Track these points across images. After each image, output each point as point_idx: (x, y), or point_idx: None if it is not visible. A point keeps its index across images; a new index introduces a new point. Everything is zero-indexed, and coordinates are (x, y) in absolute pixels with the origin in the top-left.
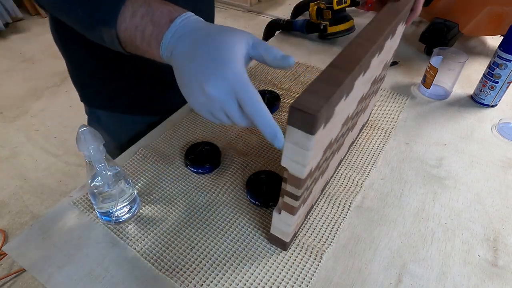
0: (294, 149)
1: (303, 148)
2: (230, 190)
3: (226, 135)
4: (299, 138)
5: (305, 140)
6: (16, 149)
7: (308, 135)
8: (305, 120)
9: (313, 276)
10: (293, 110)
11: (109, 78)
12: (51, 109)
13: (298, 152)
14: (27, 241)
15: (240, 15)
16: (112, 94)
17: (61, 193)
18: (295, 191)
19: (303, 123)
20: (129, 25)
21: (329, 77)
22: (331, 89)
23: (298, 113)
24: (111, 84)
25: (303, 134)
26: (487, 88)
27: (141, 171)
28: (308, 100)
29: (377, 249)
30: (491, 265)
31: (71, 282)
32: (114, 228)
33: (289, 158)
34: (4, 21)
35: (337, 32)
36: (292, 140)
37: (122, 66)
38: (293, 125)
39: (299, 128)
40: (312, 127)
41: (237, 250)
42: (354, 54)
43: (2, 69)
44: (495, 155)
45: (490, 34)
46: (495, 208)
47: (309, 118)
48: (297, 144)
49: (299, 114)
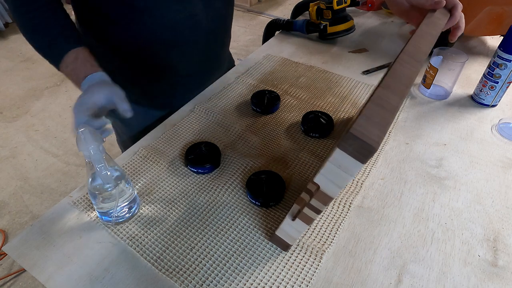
0: (336, 172)
1: (346, 173)
2: (230, 190)
3: (226, 135)
4: (346, 163)
5: (352, 166)
6: (16, 149)
7: (358, 163)
8: (361, 149)
9: (313, 276)
10: (352, 137)
11: (121, 67)
12: (51, 109)
13: (339, 175)
14: (27, 241)
15: (240, 15)
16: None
17: (61, 193)
18: (320, 206)
19: (358, 151)
20: (65, 71)
21: (383, 101)
22: (388, 116)
23: (356, 141)
24: (123, 73)
25: (353, 161)
26: (487, 88)
27: (141, 171)
28: (368, 129)
29: (377, 249)
30: (491, 265)
31: (71, 282)
32: (114, 228)
33: (327, 177)
34: (4, 21)
35: (337, 32)
36: (336, 162)
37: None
38: (345, 150)
39: (351, 154)
40: (367, 157)
41: (237, 250)
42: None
43: (2, 69)
44: (495, 155)
45: (490, 34)
46: (495, 208)
47: (367, 149)
48: (341, 167)
49: (357, 142)
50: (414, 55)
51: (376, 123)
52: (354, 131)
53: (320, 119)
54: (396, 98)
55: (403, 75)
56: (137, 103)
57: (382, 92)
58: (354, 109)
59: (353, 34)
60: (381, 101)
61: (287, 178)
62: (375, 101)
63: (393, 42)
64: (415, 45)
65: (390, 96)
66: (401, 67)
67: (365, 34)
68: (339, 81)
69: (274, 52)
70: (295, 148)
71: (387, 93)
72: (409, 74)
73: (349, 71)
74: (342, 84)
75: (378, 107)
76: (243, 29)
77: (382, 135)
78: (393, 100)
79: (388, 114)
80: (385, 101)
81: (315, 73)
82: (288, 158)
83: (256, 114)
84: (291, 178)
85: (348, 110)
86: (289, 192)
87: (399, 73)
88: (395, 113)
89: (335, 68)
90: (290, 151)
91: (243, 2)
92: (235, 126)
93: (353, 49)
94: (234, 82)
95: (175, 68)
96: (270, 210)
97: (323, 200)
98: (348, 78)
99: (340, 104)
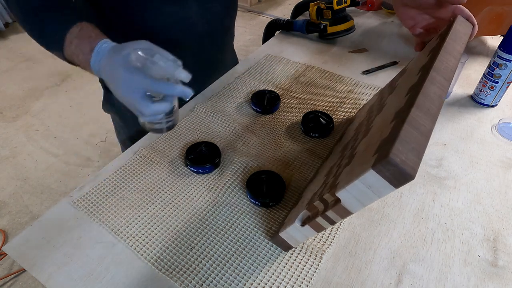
0: (364, 191)
1: (375, 193)
2: (230, 190)
3: (226, 135)
4: (378, 184)
5: (384, 189)
6: (16, 149)
7: (392, 187)
8: (398, 175)
9: (313, 276)
10: (391, 162)
11: None
12: (51, 109)
13: (366, 195)
14: (27, 241)
15: (240, 15)
16: None
17: (61, 193)
18: (336, 218)
19: (394, 177)
20: (69, 52)
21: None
22: (423, 141)
23: (394, 167)
24: None
25: (387, 185)
26: (487, 88)
27: (141, 171)
28: (407, 156)
29: (377, 249)
30: (491, 265)
31: (71, 282)
32: (114, 228)
33: (352, 194)
34: (4, 21)
35: (337, 32)
36: (367, 183)
37: None
38: (380, 174)
39: (385, 179)
40: (402, 183)
41: (237, 250)
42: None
43: (2, 69)
44: (495, 155)
45: (490, 34)
46: (495, 208)
47: (405, 176)
48: (371, 188)
49: (394, 168)
50: (444, 73)
51: (413, 149)
52: (394, 157)
53: (320, 119)
54: (430, 121)
55: (436, 96)
56: None
57: (417, 113)
58: (354, 109)
59: (353, 34)
60: (417, 124)
61: (287, 178)
62: (411, 123)
63: (393, 42)
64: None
65: (424, 118)
66: (433, 86)
67: (365, 34)
68: (339, 81)
69: (274, 52)
70: (295, 148)
71: (421, 115)
72: (441, 95)
73: (349, 71)
74: (342, 84)
75: (414, 130)
76: (243, 29)
77: (418, 162)
78: (427, 123)
79: (423, 138)
80: (421, 124)
81: (315, 73)
82: (288, 158)
83: (256, 114)
84: (291, 178)
85: (348, 110)
86: (289, 192)
87: (431, 93)
88: (429, 137)
89: (335, 68)
90: (290, 151)
91: (243, 2)
92: (235, 126)
93: (353, 49)
94: (234, 82)
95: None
96: (270, 210)
97: (342, 214)
98: (348, 78)
99: (340, 104)
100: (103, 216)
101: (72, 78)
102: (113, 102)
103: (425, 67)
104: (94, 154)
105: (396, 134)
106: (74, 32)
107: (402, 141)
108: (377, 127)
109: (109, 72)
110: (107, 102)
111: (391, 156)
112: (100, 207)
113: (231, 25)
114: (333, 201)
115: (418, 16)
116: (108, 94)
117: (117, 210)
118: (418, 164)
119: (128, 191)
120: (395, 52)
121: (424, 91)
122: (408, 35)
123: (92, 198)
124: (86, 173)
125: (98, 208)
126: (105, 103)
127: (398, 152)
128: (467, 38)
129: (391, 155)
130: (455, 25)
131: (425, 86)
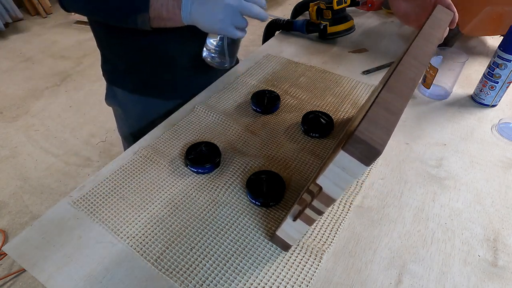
0: (340, 174)
1: (350, 175)
2: (230, 190)
3: (226, 135)
4: (350, 165)
5: (356, 168)
6: (16, 149)
7: (363, 166)
8: (366, 152)
9: (313, 276)
10: (357, 140)
11: (125, 55)
12: (51, 109)
13: (342, 177)
14: (27, 241)
15: None
16: (126, 71)
17: (61, 193)
18: (322, 208)
19: (363, 154)
20: (156, 6)
21: (388, 104)
22: (393, 120)
23: (362, 144)
24: (126, 62)
25: (357, 164)
26: (487, 88)
27: (141, 171)
28: (374, 133)
29: (377, 249)
30: (491, 265)
31: (71, 282)
32: (114, 228)
33: (330, 179)
34: (4, 21)
35: (337, 32)
36: (340, 164)
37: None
38: (349, 153)
39: (355, 157)
40: (371, 160)
41: (237, 250)
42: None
43: (2, 69)
44: (495, 155)
45: (490, 34)
46: (495, 208)
47: (373, 152)
48: (345, 169)
49: (362, 145)
50: (419, 57)
51: (381, 126)
52: (360, 134)
53: (320, 119)
54: (401, 101)
55: (408, 78)
56: (137, 91)
57: (387, 95)
58: (354, 109)
59: (353, 34)
60: (386, 104)
61: (287, 178)
62: (380, 104)
63: (393, 42)
64: (419, 47)
65: (395, 99)
66: (405, 69)
67: (365, 34)
68: (339, 81)
69: (274, 52)
70: (295, 148)
71: (392, 96)
72: (414, 77)
73: (349, 71)
74: (342, 84)
75: (383, 110)
76: None
77: (387, 138)
78: (398, 103)
79: (393, 117)
80: (390, 104)
81: (315, 73)
82: (288, 158)
83: (256, 114)
84: (291, 178)
85: (348, 110)
86: (289, 192)
87: (403, 75)
88: (399, 116)
89: (335, 68)
90: (290, 151)
91: None
92: (235, 126)
93: (353, 49)
94: (234, 82)
95: (174, 60)
96: (270, 210)
97: (326, 201)
98: (348, 78)
99: (340, 104)
100: (103, 216)
101: (72, 78)
102: (115, 94)
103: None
104: (94, 154)
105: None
106: None
107: (369, 120)
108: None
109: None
110: (109, 95)
111: (356, 133)
112: (100, 207)
113: None
114: (317, 190)
115: (409, 9)
116: (111, 87)
117: (117, 210)
118: (386, 140)
119: (128, 191)
120: (395, 52)
121: (396, 74)
122: (408, 35)
123: (92, 198)
124: (86, 173)
125: (98, 208)
126: (107, 96)
127: (364, 130)
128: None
129: (357, 133)
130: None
131: (397, 69)
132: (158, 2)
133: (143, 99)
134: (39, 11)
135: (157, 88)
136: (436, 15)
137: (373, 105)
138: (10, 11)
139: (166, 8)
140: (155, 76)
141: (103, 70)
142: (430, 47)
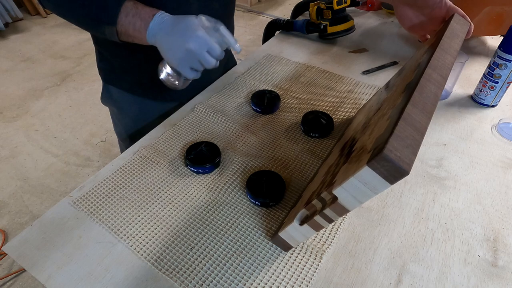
0: (360, 188)
1: (371, 190)
2: (230, 190)
3: (226, 135)
4: (373, 181)
5: (379, 185)
6: (16, 149)
7: (387, 184)
8: (393, 171)
9: (313, 276)
10: (385, 158)
11: (121, 53)
12: (51, 109)
13: (362, 191)
14: (27, 241)
15: (240, 15)
16: (122, 70)
17: (61, 193)
18: (334, 216)
19: (389, 173)
20: (124, 22)
21: (414, 121)
22: (418, 138)
23: (389, 162)
24: (122, 60)
25: (381, 181)
26: (487, 88)
27: (141, 171)
28: (402, 152)
29: (377, 249)
30: (491, 265)
31: (71, 282)
32: (114, 228)
33: (348, 192)
34: (4, 21)
35: (337, 32)
36: (362, 179)
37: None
38: (375, 170)
39: (381, 175)
40: (397, 179)
41: (237, 250)
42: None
43: (2, 69)
44: (495, 155)
45: (490, 34)
46: (495, 208)
47: (400, 172)
48: (367, 185)
49: (389, 163)
50: (441, 71)
51: (408, 145)
52: (388, 153)
53: (320, 119)
54: (425, 118)
55: (431, 93)
56: (133, 92)
57: (413, 110)
58: (354, 109)
59: (353, 34)
60: (412, 121)
61: (287, 178)
62: (407, 120)
63: (393, 42)
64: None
65: (419, 115)
66: (428, 83)
67: (365, 34)
68: (339, 81)
69: (274, 52)
70: (295, 148)
71: (417, 112)
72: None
73: (349, 71)
74: (342, 84)
75: (409, 126)
76: (243, 29)
77: (413, 158)
78: (423, 120)
79: (419, 135)
80: (416, 121)
81: (315, 73)
82: (288, 158)
83: (256, 114)
84: (291, 178)
85: (348, 110)
86: (289, 192)
87: (427, 90)
88: (424, 134)
89: (335, 68)
90: (290, 151)
91: (243, 2)
92: (235, 126)
93: (353, 49)
94: (234, 82)
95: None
96: (270, 210)
97: (339, 212)
98: (348, 78)
99: (340, 104)
100: (103, 216)
101: (72, 78)
102: (111, 94)
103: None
104: (94, 154)
105: (391, 131)
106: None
107: (397, 138)
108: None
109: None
110: (105, 95)
111: (386, 152)
112: (100, 207)
113: (230, 25)
114: (330, 199)
115: (414, 17)
116: (107, 86)
117: (117, 210)
118: (413, 160)
119: (128, 191)
120: (395, 52)
121: (420, 88)
122: (408, 35)
123: (92, 198)
124: (86, 173)
125: (98, 208)
126: (103, 96)
127: (393, 148)
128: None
129: (386, 151)
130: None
131: (421, 83)
132: (127, 19)
133: (139, 99)
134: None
135: (153, 89)
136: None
137: (400, 121)
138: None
139: (133, 27)
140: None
141: (99, 68)
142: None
